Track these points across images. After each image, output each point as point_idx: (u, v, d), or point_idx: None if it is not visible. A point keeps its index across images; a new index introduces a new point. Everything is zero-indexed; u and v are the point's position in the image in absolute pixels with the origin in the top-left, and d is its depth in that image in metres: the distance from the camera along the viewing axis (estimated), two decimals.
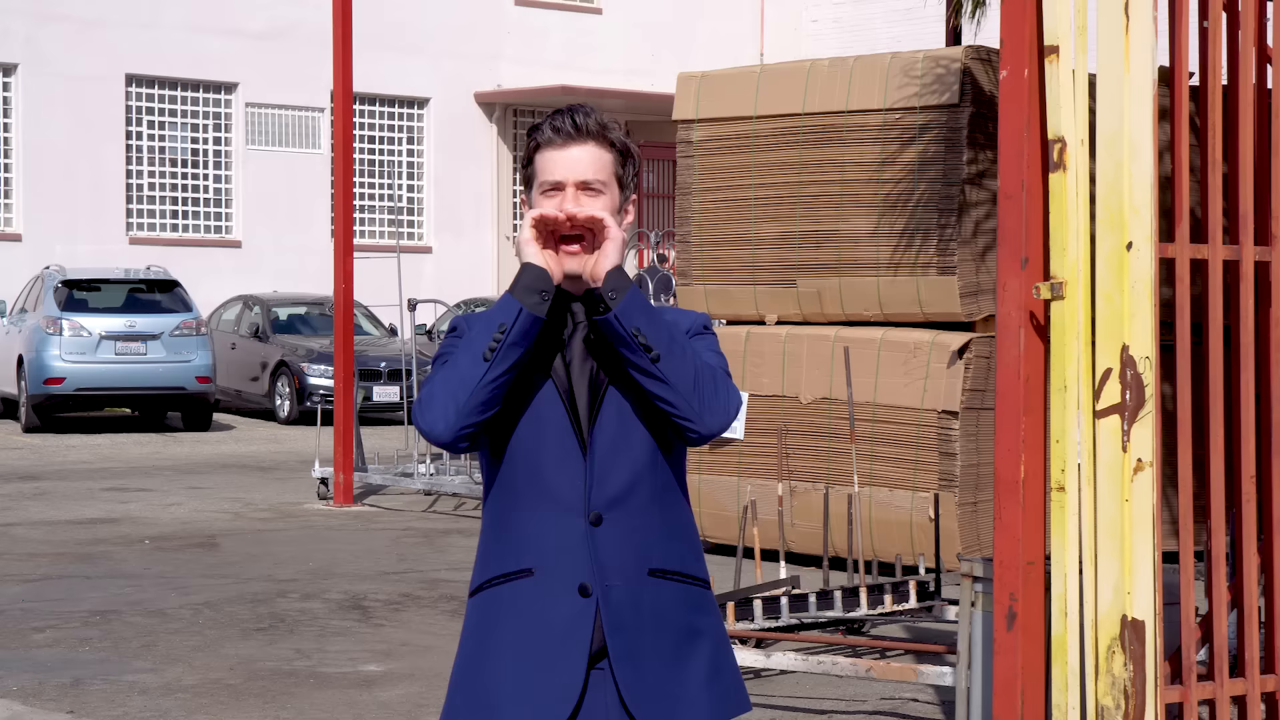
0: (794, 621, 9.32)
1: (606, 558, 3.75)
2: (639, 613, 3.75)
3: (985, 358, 11.78)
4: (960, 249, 11.94)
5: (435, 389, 3.73)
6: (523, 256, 3.76)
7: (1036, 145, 6.02)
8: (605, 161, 3.82)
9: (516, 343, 3.68)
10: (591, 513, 3.75)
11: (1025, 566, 6.16)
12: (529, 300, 3.70)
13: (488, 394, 3.68)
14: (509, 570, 3.79)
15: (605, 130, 3.84)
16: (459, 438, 3.72)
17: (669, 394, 3.70)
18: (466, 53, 32.00)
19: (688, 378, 3.70)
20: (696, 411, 3.71)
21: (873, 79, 12.43)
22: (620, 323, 3.68)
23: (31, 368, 23.34)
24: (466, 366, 3.69)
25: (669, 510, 3.84)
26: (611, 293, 3.69)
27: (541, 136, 3.84)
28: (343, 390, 16.28)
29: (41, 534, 14.13)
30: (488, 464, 3.86)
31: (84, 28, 28.39)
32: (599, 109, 3.88)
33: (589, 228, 3.76)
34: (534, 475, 3.78)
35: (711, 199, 13.10)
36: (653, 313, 3.72)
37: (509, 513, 3.81)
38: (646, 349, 3.67)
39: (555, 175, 3.81)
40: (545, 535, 3.76)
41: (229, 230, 30.31)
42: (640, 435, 3.79)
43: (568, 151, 3.81)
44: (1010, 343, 6.11)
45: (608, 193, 3.82)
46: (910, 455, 11.99)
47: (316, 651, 9.75)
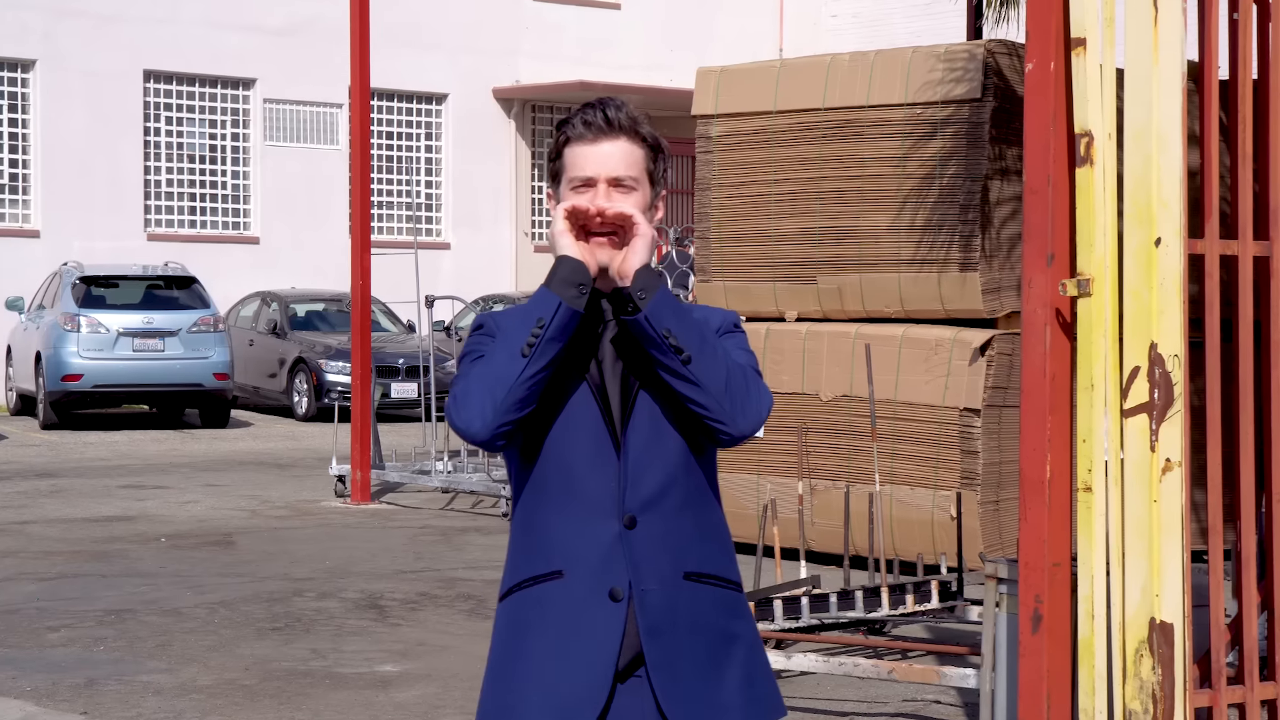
0: (815, 622, 9.22)
1: (641, 561, 3.65)
2: (675, 617, 3.66)
3: (1007, 354, 11.67)
4: (983, 245, 11.83)
5: (471, 385, 3.63)
6: (558, 249, 3.66)
7: (1063, 139, 5.93)
8: (636, 157, 3.73)
9: (555, 338, 3.58)
10: (625, 515, 3.66)
11: (1051, 568, 6.07)
12: (567, 294, 3.59)
13: (525, 390, 3.58)
14: (539, 573, 3.69)
15: (637, 125, 3.74)
16: (496, 436, 3.62)
17: (700, 396, 3.60)
18: (484, 48, 31.91)
19: (719, 379, 3.60)
20: (729, 413, 3.61)
21: (894, 73, 12.32)
22: (650, 324, 3.57)
23: (49, 364, 23.30)
24: (503, 362, 3.59)
25: (702, 512, 3.75)
26: (641, 292, 3.59)
27: (571, 130, 3.75)
28: (360, 388, 16.20)
29: (58, 532, 14.06)
30: (518, 465, 3.76)
31: (102, 23, 28.34)
32: (629, 103, 3.78)
33: (619, 224, 3.66)
34: (566, 476, 3.68)
35: (731, 194, 13.00)
36: (683, 312, 3.62)
37: (540, 515, 3.72)
38: (677, 350, 3.57)
39: (586, 171, 3.71)
40: (577, 537, 3.67)
41: (247, 226, 30.25)
42: (672, 436, 3.69)
43: (599, 146, 3.71)
44: (1036, 340, 6.02)
45: (639, 189, 3.72)
46: (931, 453, 11.88)
47: (332, 651, 9.66)
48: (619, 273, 3.63)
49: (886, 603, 9.50)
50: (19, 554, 12.90)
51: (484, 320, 3.76)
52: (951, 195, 11.95)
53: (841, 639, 9.17)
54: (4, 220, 28.12)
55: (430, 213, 32.15)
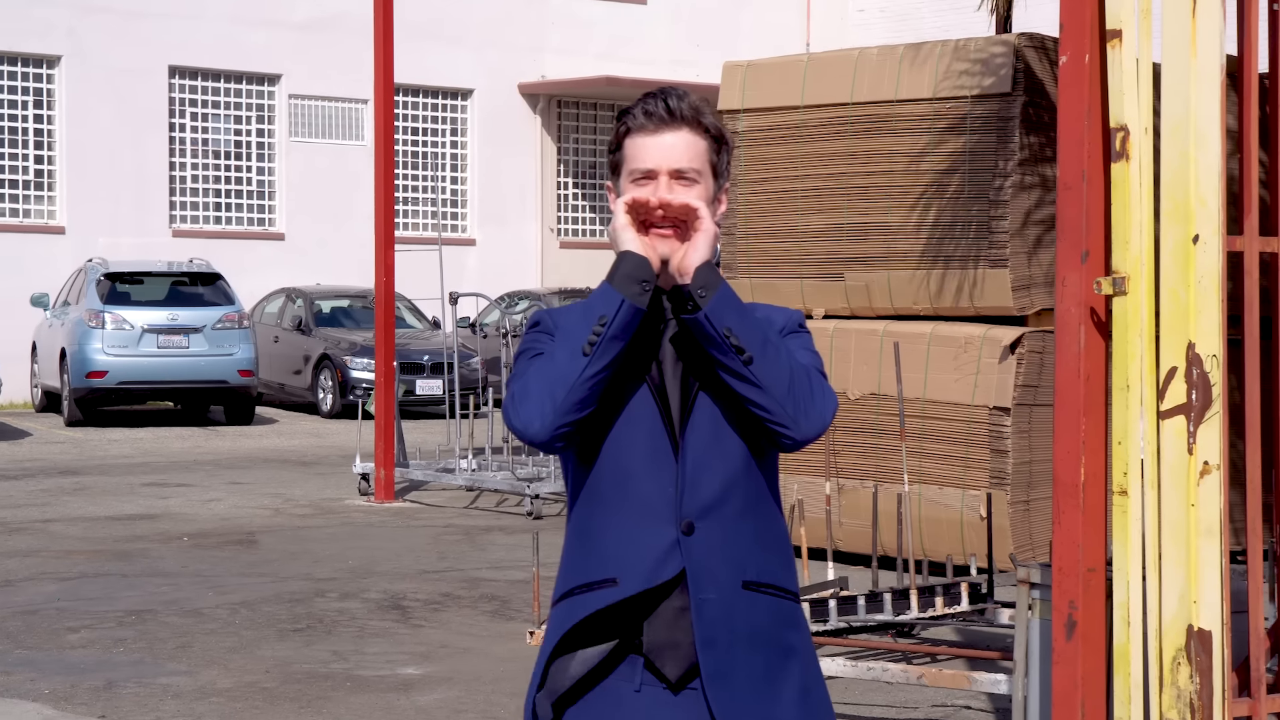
0: (842, 625, 9.08)
1: (699, 568, 3.51)
2: (733, 628, 3.52)
3: (1038, 353, 11.52)
4: (1012, 241, 11.67)
5: (530, 385, 3.49)
6: (620, 243, 3.51)
7: (1098, 134, 5.81)
8: (700, 149, 3.56)
9: (617, 336, 3.44)
10: (683, 520, 3.51)
11: (1086, 573, 5.95)
12: (629, 290, 3.45)
13: (586, 390, 3.44)
14: (591, 579, 3.55)
15: (699, 115, 3.58)
16: (555, 437, 3.48)
17: (762, 398, 3.45)
18: (510, 44, 31.80)
19: (782, 381, 3.45)
20: (791, 416, 3.46)
21: (922, 67, 12.17)
22: (711, 323, 3.43)
23: (74, 361, 23.25)
24: (564, 361, 3.45)
25: (763, 519, 3.60)
26: (701, 290, 3.44)
27: (632, 121, 3.59)
28: (384, 385, 16.09)
29: (80, 530, 13.98)
30: (574, 467, 3.62)
31: (126, 19, 28.28)
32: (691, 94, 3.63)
33: (682, 218, 3.51)
34: (622, 480, 3.54)
35: (757, 190, 12.86)
36: (745, 311, 3.47)
37: (594, 519, 3.58)
38: (738, 351, 3.42)
39: (647, 163, 3.56)
40: (631, 544, 3.53)
41: (272, 223, 30.18)
42: (733, 440, 3.54)
43: (660, 137, 3.55)
44: (1070, 340, 5.89)
45: (702, 182, 3.56)
46: (961, 452, 11.74)
47: (354, 653, 9.55)
48: (679, 269, 3.49)
49: (915, 605, 9.35)
50: (40, 553, 12.82)
51: (541, 317, 3.64)
52: (981, 191, 11.80)
53: (869, 642, 9.03)
54: (29, 216, 28.08)
55: (456, 209, 32.05)
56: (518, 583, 11.55)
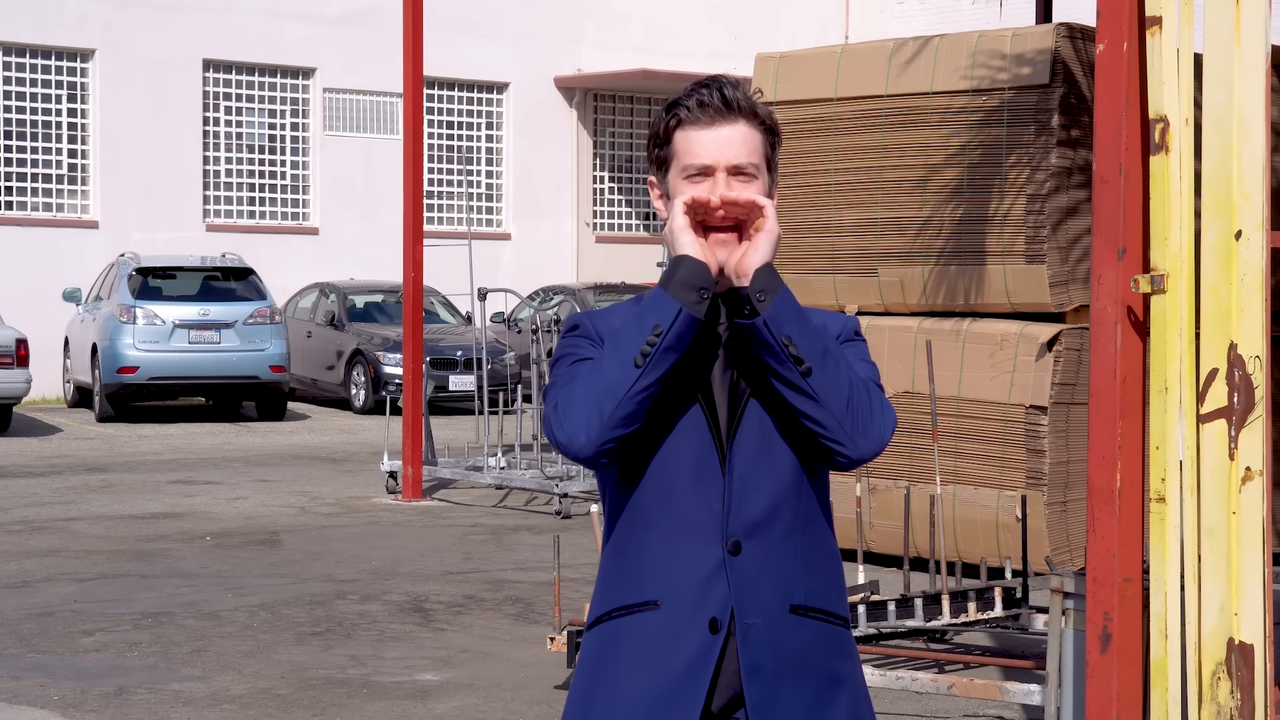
0: (872, 631, 8.83)
1: (745, 590, 3.26)
2: (779, 655, 3.27)
3: (1076, 350, 11.25)
4: (1049, 236, 11.40)
5: (576, 396, 3.25)
6: (676, 247, 3.27)
7: (1136, 125, 5.58)
8: (757, 142, 3.33)
9: (672, 347, 3.20)
10: (729, 539, 3.27)
11: (1121, 584, 5.73)
12: (686, 298, 3.21)
13: (636, 404, 3.21)
14: (632, 602, 3.31)
15: (755, 106, 3.36)
16: (601, 453, 3.24)
17: (819, 413, 3.22)
18: (546, 36, 31.59)
19: (841, 395, 3.22)
20: (848, 434, 3.23)
21: (958, 59, 11.91)
22: (770, 329, 3.20)
23: (105, 356, 23.13)
24: (614, 371, 3.21)
25: (813, 539, 3.35)
26: (760, 293, 3.20)
27: (684, 113, 3.34)
28: (411, 381, 15.89)
29: (102, 529, 13.80)
30: (615, 484, 3.38)
31: (161, 13, 28.15)
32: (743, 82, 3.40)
33: (743, 217, 3.28)
34: (665, 495, 3.30)
35: (789, 184, 12.61)
36: (805, 318, 3.24)
37: (635, 537, 3.34)
38: (797, 361, 3.19)
39: (703, 158, 3.32)
40: (675, 563, 3.29)
41: (306, 217, 30.02)
42: (784, 454, 3.31)
43: (717, 130, 3.31)
44: (1106, 340, 5.66)
45: (760, 177, 3.33)
46: (996, 452, 11.47)
47: (372, 658, 9.34)
48: (737, 270, 3.25)
49: (947, 611, 9.10)
50: (60, 553, 12.64)
51: (580, 320, 3.40)
52: (1018, 185, 11.53)
53: (898, 650, 8.79)
54: (63, 210, 27.97)
55: (491, 203, 31.86)
56: (542, 585, 11.32)
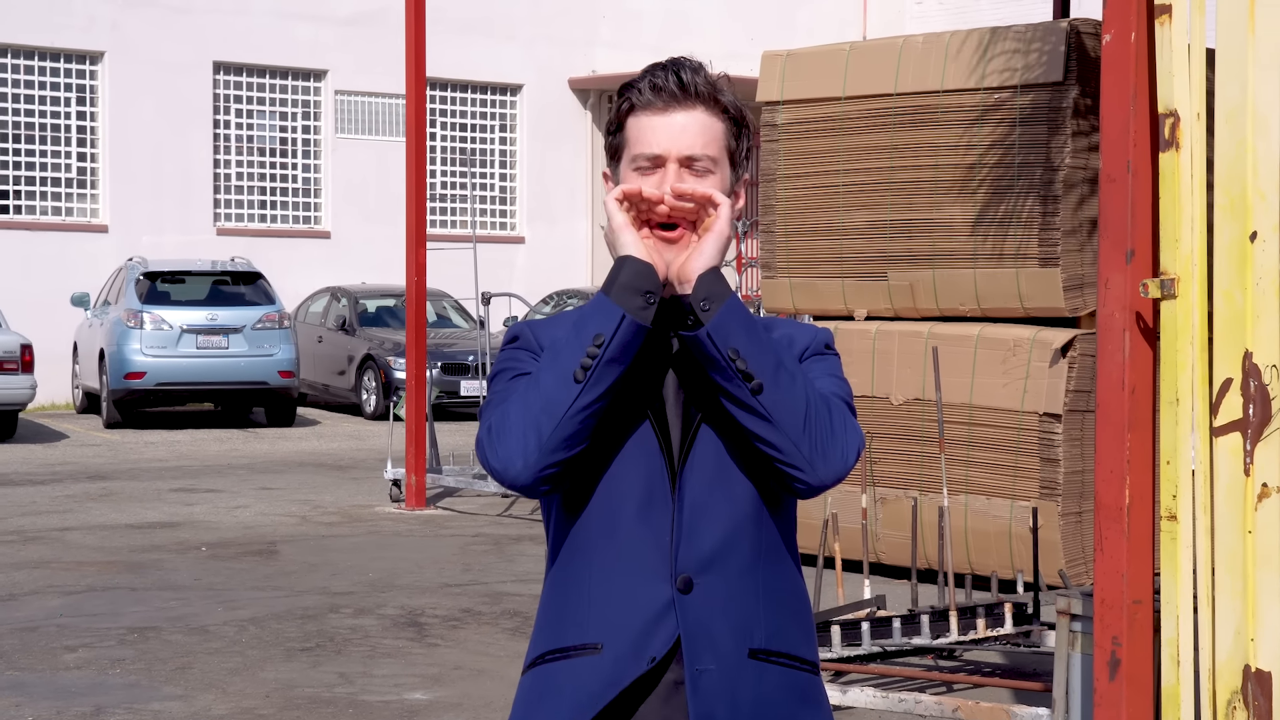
0: (876, 649, 8.51)
1: (698, 632, 2.94)
2: (735, 706, 2.95)
3: (1090, 356, 10.92)
4: (1064, 238, 11.08)
5: (510, 415, 2.93)
6: (618, 246, 2.95)
7: (1145, 120, 5.29)
8: (716, 131, 3.03)
9: (616, 359, 2.89)
10: (679, 576, 2.95)
11: (1131, 606, 5.44)
12: (631, 303, 2.91)
13: (578, 424, 2.90)
14: (570, 644, 3.00)
15: (717, 91, 3.04)
16: (540, 480, 2.92)
17: (772, 434, 2.90)
18: (560, 38, 31.31)
19: (797, 415, 2.90)
20: (805, 457, 2.91)
21: (970, 55, 11.58)
22: (713, 342, 2.89)
23: (112, 362, 22.89)
24: (551, 388, 2.89)
25: (775, 575, 3.04)
26: (704, 302, 2.90)
27: (637, 97, 3.05)
28: (415, 388, 15.59)
29: (96, 540, 13.52)
30: (557, 513, 3.06)
31: (171, 14, 27.92)
32: (708, 65, 3.10)
33: (696, 212, 2.97)
34: (610, 526, 2.98)
35: (797, 186, 12.30)
36: (755, 330, 2.92)
37: (576, 573, 3.02)
38: (745, 377, 2.88)
39: (654, 147, 3.01)
40: (618, 603, 2.97)
41: (318, 220, 29.77)
42: (740, 480, 2.99)
43: (669, 118, 3.02)
44: (1113, 348, 5.37)
45: (718, 172, 3.03)
46: (1009, 461, 11.14)
47: (361, 676, 9.03)
48: (678, 275, 2.95)
49: (955, 628, 8.77)
50: (51, 564, 12.36)
51: (519, 331, 3.09)
52: (1031, 185, 11.20)
53: (900, 670, 8.47)
54: (72, 215, 27.75)
55: (504, 206, 31.58)
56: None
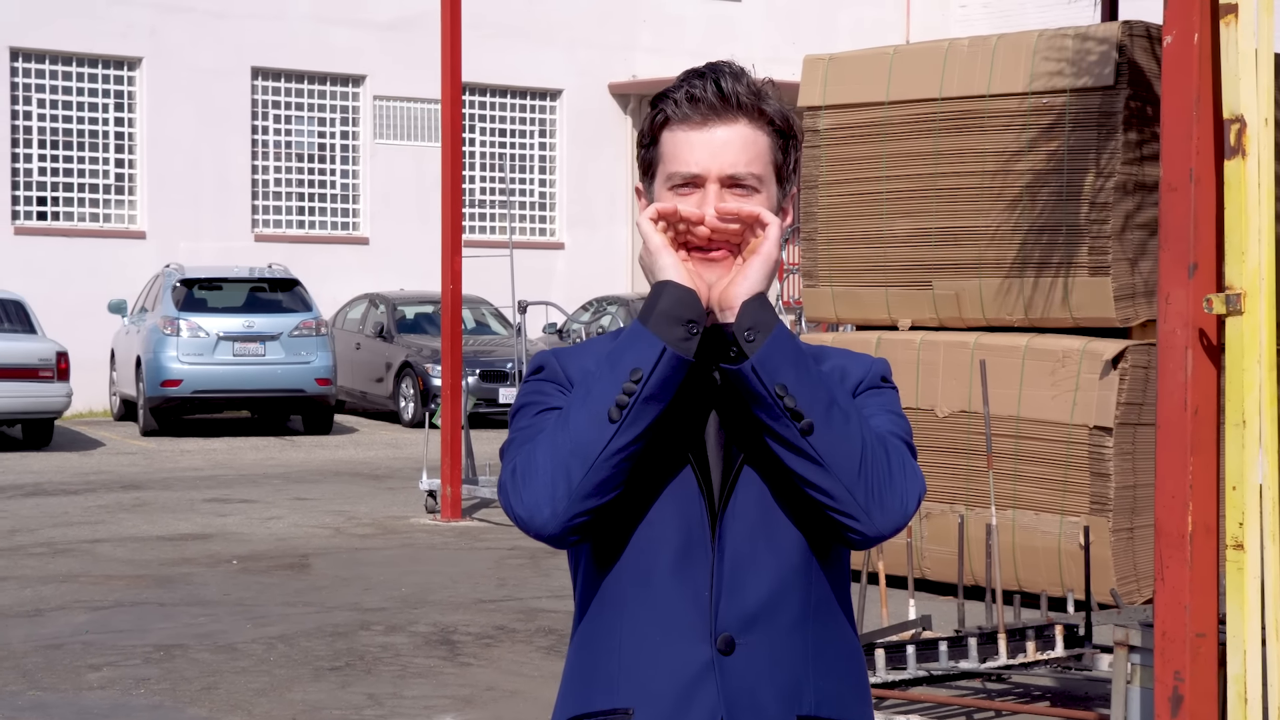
0: (921, 674, 8.22)
1: (738, 698, 2.66)
2: None
3: (1143, 367, 10.61)
4: (1114, 247, 10.77)
5: (538, 458, 2.62)
6: (657, 270, 2.66)
7: (1209, 126, 4.99)
8: (761, 146, 2.73)
9: (655, 396, 2.60)
10: (720, 635, 2.67)
11: (1194, 639, 5.14)
12: (671, 334, 2.60)
13: (612, 468, 2.60)
14: (599, 709, 2.71)
15: (761, 101, 2.74)
16: (570, 529, 2.62)
17: (824, 480, 2.61)
18: (600, 42, 31.06)
19: (851, 458, 2.61)
20: (861, 506, 2.62)
21: (1017, 59, 11.29)
22: (759, 376, 2.59)
23: (149, 369, 22.72)
24: (583, 428, 2.60)
25: (826, 633, 2.75)
26: (749, 332, 2.60)
27: (673, 108, 2.73)
28: (450, 397, 15.33)
29: (126, 552, 13.31)
30: (587, 561, 2.77)
31: (209, 20, 27.77)
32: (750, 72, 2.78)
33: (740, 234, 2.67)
34: (644, 579, 2.69)
35: (839, 193, 12.01)
36: (805, 363, 2.63)
37: (606, 629, 2.73)
38: (795, 415, 2.59)
39: (691, 166, 2.70)
40: (652, 664, 2.68)
41: (356, 227, 29.57)
42: (788, 528, 2.70)
43: (709, 133, 2.71)
44: (1175, 367, 5.07)
45: (763, 190, 2.72)
46: (1058, 475, 10.84)
47: (391, 697, 8.78)
48: (720, 301, 2.64)
49: (1004, 651, 8.48)
50: (80, 578, 12.15)
51: (544, 360, 2.79)
52: (1081, 192, 10.90)
53: (946, 698, 8.18)
54: (110, 221, 27.61)
55: (544, 212, 31.34)
56: None
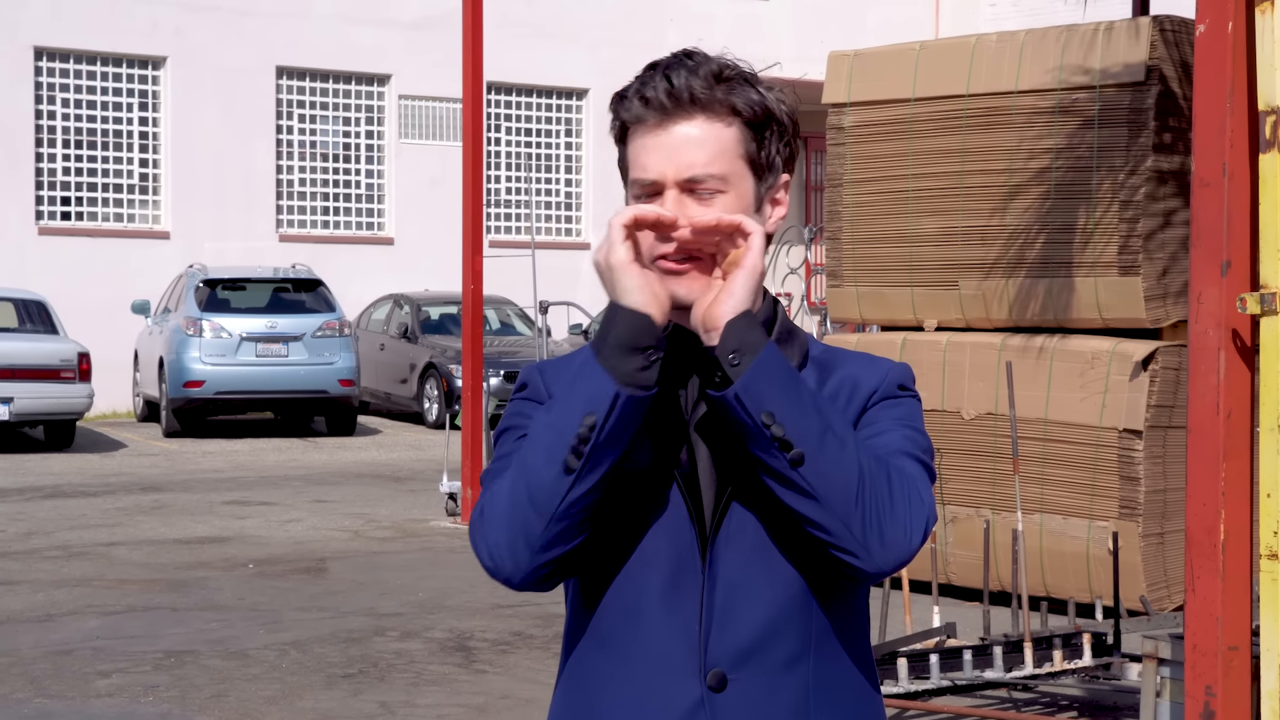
0: (945, 683, 8.02)
1: None
2: None
3: (1174, 369, 10.39)
4: (1145, 246, 10.55)
5: (499, 503, 2.43)
6: (616, 290, 2.40)
7: (1243, 119, 4.79)
8: (725, 142, 2.47)
9: (611, 443, 2.38)
10: (710, 670, 2.45)
11: (1226, 653, 4.93)
12: (625, 367, 2.36)
13: (574, 518, 2.39)
14: None
15: (720, 90, 2.47)
16: (536, 580, 2.43)
17: (817, 514, 2.37)
18: (626, 41, 30.83)
19: (847, 490, 2.37)
20: (859, 541, 2.38)
21: (1046, 55, 11.07)
22: (743, 405, 2.35)
23: (171, 370, 22.59)
24: (539, 473, 2.39)
25: (831, 670, 2.51)
26: (734, 355, 2.36)
27: (627, 111, 2.49)
28: (471, 399, 15.16)
29: (142, 555, 13.15)
30: (574, 593, 2.56)
31: (234, 19, 27.64)
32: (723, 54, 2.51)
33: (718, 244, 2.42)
34: (632, 612, 2.48)
35: (864, 191, 11.81)
36: (795, 386, 2.38)
37: (592, 666, 2.52)
38: (784, 445, 2.34)
39: (650, 171, 2.47)
40: (641, 703, 2.47)
41: (381, 227, 29.42)
42: (787, 555, 2.46)
43: (666, 134, 2.46)
44: (1207, 369, 4.87)
45: (732, 190, 2.47)
46: (1087, 479, 10.62)
47: (403, 705, 8.61)
48: (704, 321, 2.41)
49: (1030, 660, 8.27)
50: (93, 582, 11.99)
51: (529, 377, 2.57)
52: (1110, 190, 10.68)
53: (975, 709, 7.97)
54: (134, 221, 27.49)
55: (570, 212, 31.17)
56: None
